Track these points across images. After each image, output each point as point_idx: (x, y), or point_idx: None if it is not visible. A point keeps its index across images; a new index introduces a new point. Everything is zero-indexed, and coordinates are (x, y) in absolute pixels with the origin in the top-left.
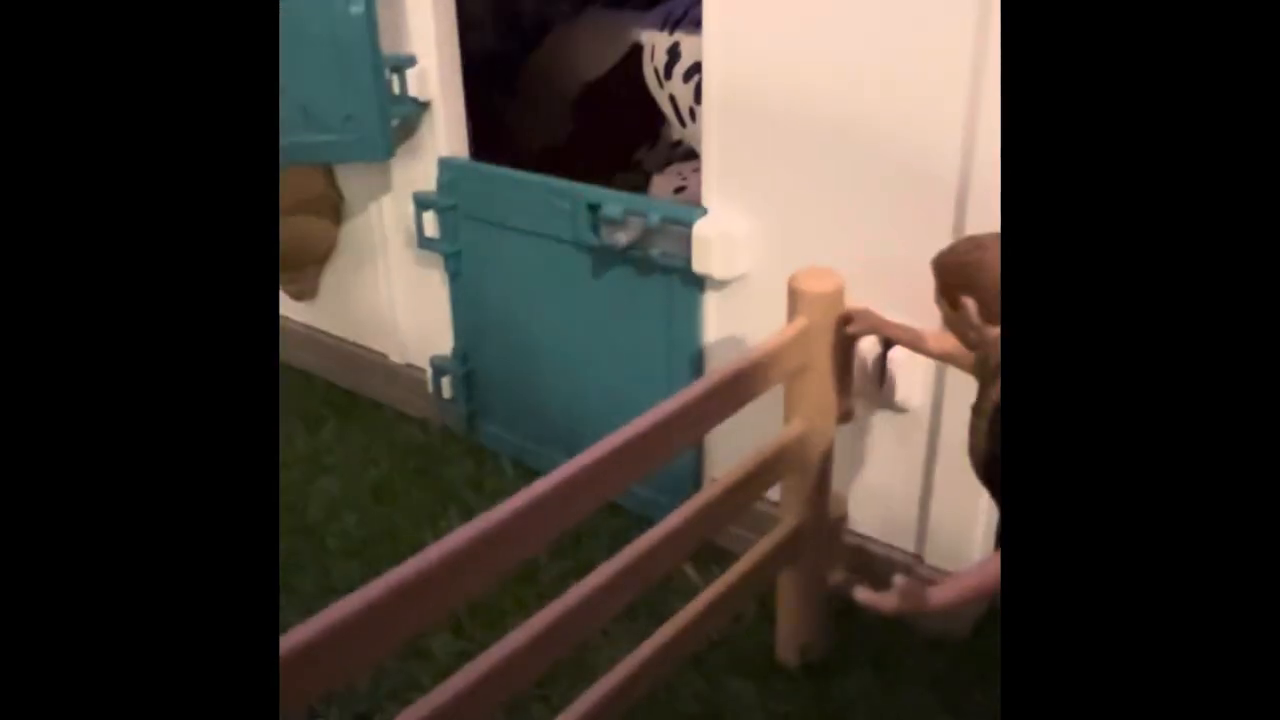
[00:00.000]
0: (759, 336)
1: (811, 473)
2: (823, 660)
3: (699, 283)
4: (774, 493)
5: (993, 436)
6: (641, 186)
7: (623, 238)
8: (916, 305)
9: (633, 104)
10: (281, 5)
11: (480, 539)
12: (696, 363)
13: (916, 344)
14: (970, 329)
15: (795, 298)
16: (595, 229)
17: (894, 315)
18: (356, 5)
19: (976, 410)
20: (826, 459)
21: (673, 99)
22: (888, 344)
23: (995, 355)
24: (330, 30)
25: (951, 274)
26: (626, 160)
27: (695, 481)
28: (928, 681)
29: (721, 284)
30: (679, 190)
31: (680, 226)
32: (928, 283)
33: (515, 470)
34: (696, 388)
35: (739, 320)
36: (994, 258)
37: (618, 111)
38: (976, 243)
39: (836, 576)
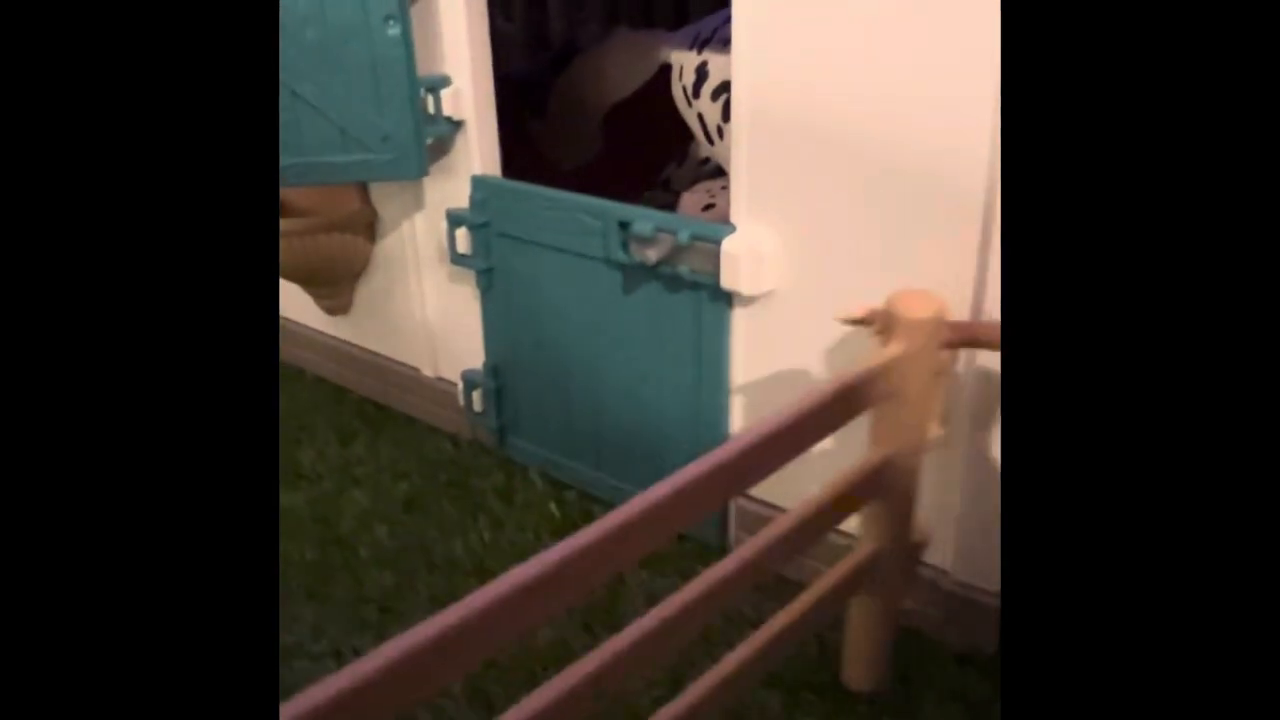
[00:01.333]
0: (787, 352)
1: (895, 499)
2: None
3: (727, 299)
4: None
5: None
6: (670, 204)
7: (653, 255)
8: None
9: (661, 123)
10: (321, 29)
11: (558, 567)
12: (725, 378)
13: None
14: None
15: (892, 322)
16: (625, 246)
17: None
18: (394, 28)
19: None
20: (912, 485)
21: (701, 117)
22: None
23: None
24: (368, 53)
25: None
26: (655, 178)
27: None
28: (954, 696)
29: (750, 300)
30: (707, 208)
31: (709, 244)
32: (953, 296)
33: (544, 483)
34: (784, 415)
35: (767, 336)
36: None
37: (646, 130)
38: None
39: (908, 603)
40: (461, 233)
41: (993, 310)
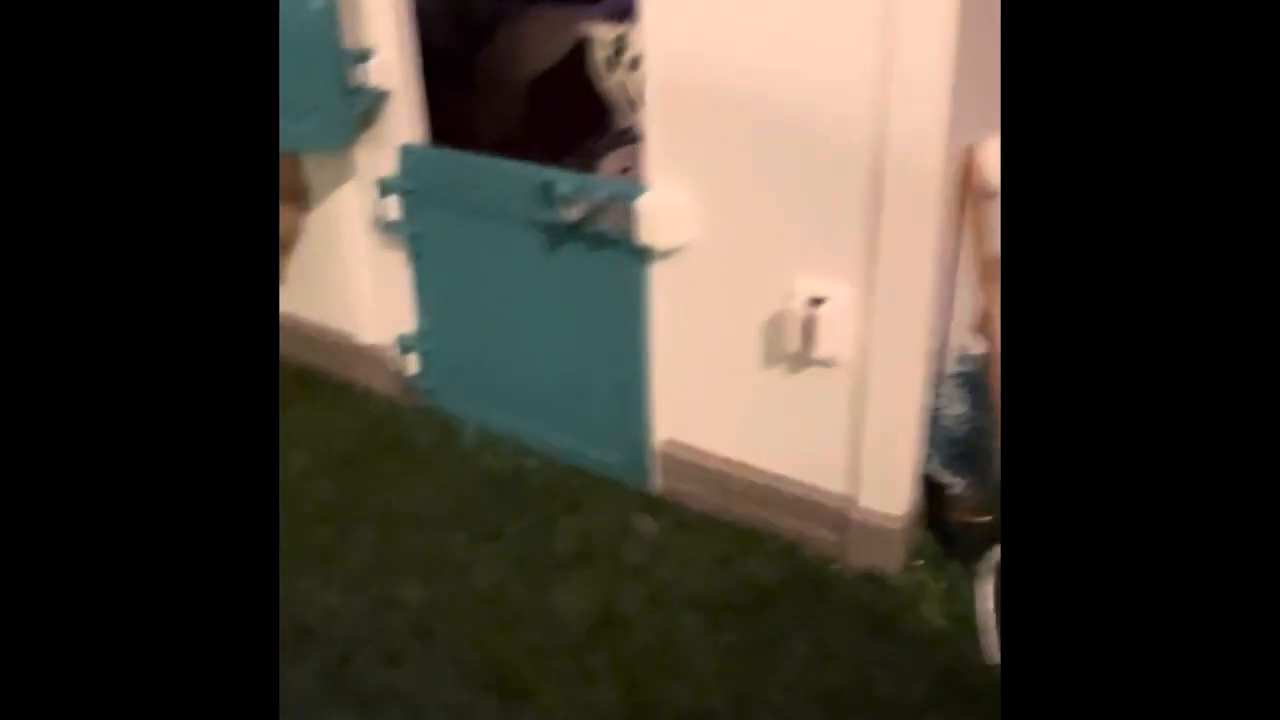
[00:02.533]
0: (703, 303)
1: None
2: (766, 592)
3: (645, 254)
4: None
5: None
6: (590, 169)
7: (573, 214)
8: (840, 268)
9: (582, 94)
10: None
11: None
12: (646, 331)
13: None
14: None
15: None
16: (547, 207)
17: (819, 277)
18: (317, 1)
19: None
20: None
21: (619, 87)
22: (816, 301)
23: None
24: (295, 25)
25: None
26: (578, 147)
27: (644, 439)
28: (858, 609)
29: (665, 255)
30: (625, 171)
31: (626, 202)
32: (849, 245)
33: (479, 438)
34: None
35: (683, 288)
36: None
37: (568, 101)
38: None
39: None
40: (391, 200)
41: (890, 255)
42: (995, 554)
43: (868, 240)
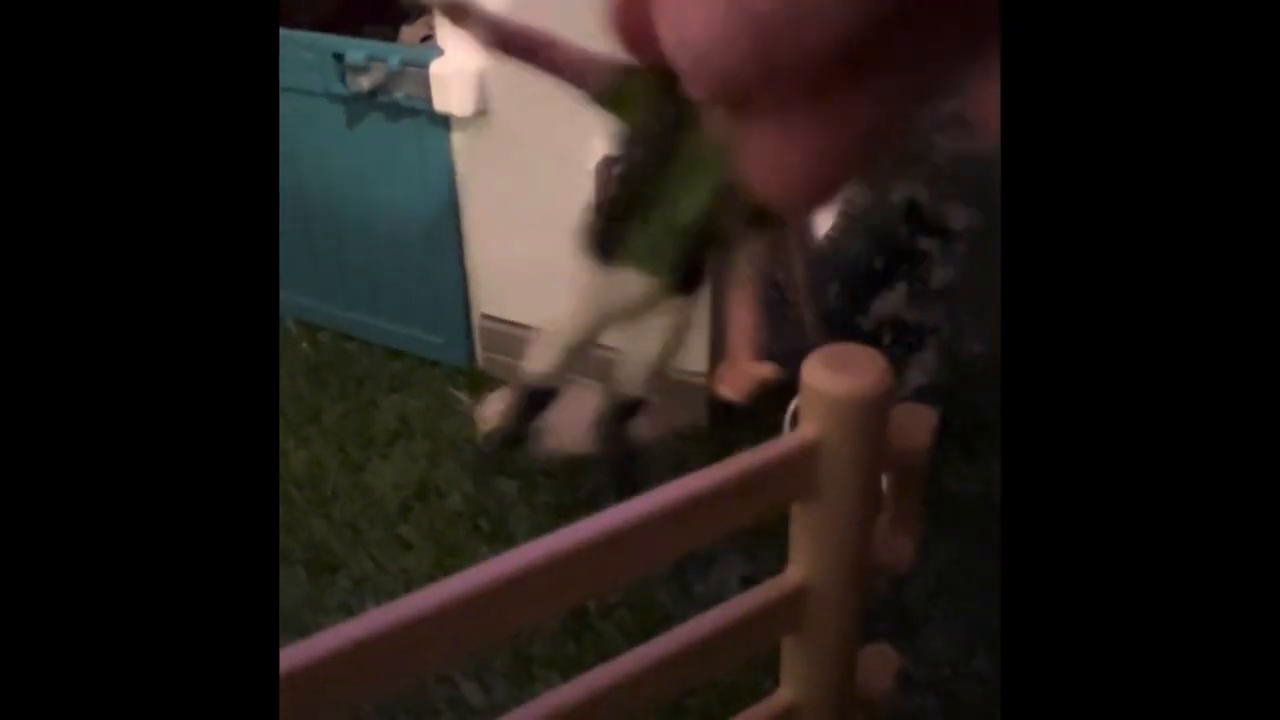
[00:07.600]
0: (507, 170)
1: (818, 639)
2: (580, 458)
3: (445, 122)
4: None
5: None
6: (392, 38)
7: (365, 83)
8: None
9: None
10: None
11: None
12: (454, 201)
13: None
14: None
15: (806, 398)
16: (343, 79)
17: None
18: None
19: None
20: (843, 622)
21: None
22: (612, 161)
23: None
24: None
25: None
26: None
27: (463, 315)
28: (671, 465)
29: (465, 122)
30: (425, 39)
31: (420, 69)
32: None
33: (298, 328)
34: (639, 507)
35: (486, 156)
36: None
37: None
38: None
39: None
40: None
41: None
42: (792, 406)
43: None
